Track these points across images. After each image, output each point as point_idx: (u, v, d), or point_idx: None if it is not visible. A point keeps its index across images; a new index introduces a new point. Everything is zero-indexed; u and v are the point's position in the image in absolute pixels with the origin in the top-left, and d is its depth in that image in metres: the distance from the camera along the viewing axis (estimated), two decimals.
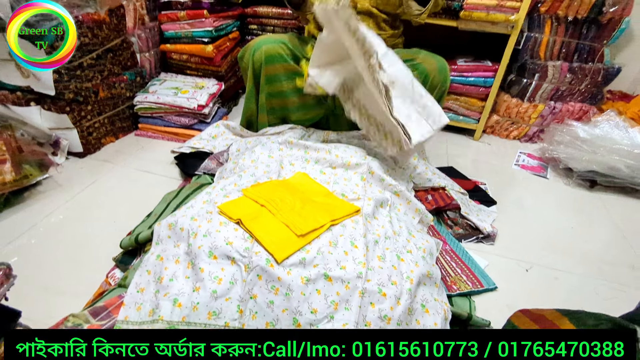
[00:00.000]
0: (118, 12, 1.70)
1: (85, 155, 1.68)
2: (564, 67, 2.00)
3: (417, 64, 1.46)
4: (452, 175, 1.75)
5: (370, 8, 1.48)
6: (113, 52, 1.71)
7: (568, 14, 1.91)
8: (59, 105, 1.55)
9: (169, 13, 1.89)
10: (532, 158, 2.01)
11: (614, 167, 1.74)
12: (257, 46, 1.47)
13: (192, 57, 1.98)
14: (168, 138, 1.85)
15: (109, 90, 1.72)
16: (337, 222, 1.07)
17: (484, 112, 2.07)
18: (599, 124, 1.93)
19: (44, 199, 1.42)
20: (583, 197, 1.75)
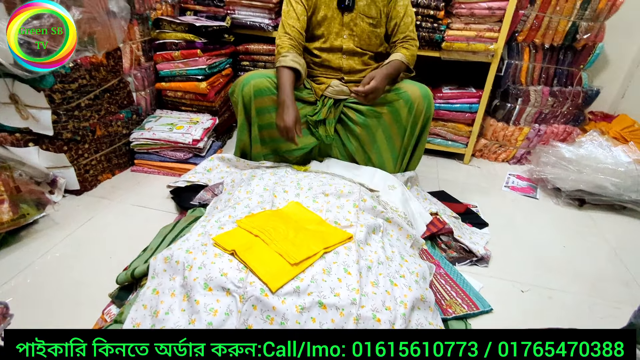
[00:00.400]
0: (115, 54, 1.78)
1: (82, 192, 1.71)
2: (545, 91, 2.08)
3: (402, 92, 1.53)
4: (444, 199, 1.78)
5: (355, 48, 1.58)
6: (110, 92, 1.77)
7: (544, 42, 2.01)
8: (57, 144, 1.59)
9: (163, 53, 1.97)
10: (521, 179, 2.06)
11: (601, 186, 1.78)
12: (246, 81, 1.53)
13: (186, 93, 2.05)
14: (164, 173, 1.89)
15: (105, 128, 1.77)
16: (330, 250, 1.09)
17: (471, 136, 2.14)
18: (583, 144, 1.99)
19: (40, 238, 1.43)
20: (573, 216, 1.78)
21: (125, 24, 1.76)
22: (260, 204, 1.33)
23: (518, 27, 1.99)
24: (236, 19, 2.14)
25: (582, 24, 1.94)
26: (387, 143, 1.60)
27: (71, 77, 1.55)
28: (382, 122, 1.56)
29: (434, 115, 2.09)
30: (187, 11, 2.20)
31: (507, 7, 1.85)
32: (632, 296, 1.32)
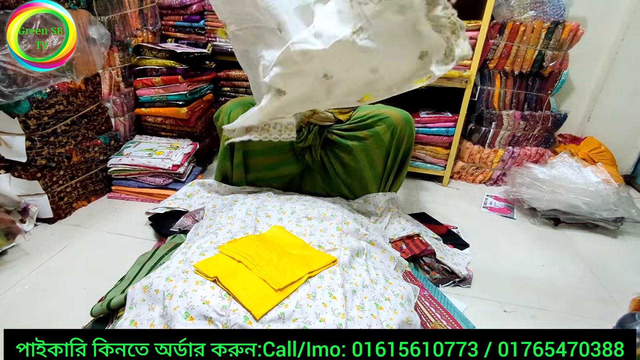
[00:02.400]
0: (94, 80, 1.76)
1: (56, 220, 1.65)
2: (516, 115, 2.17)
3: (384, 117, 1.56)
4: (425, 220, 1.80)
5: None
6: (88, 117, 1.75)
7: (514, 69, 2.11)
8: (30, 171, 1.54)
9: (144, 79, 1.96)
10: (499, 200, 2.11)
11: (574, 205, 1.85)
12: (233, 107, 1.55)
13: (167, 119, 2.04)
14: (142, 199, 1.85)
15: (82, 154, 1.73)
16: (314, 274, 1.08)
17: (449, 159, 2.19)
18: (555, 166, 2.07)
19: (9, 269, 1.36)
20: (549, 235, 1.83)
21: (105, 51, 1.76)
22: (242, 229, 1.31)
23: (489, 55, 2.09)
24: (217, 46, 2.17)
25: (547, 53, 2.05)
26: (369, 167, 1.62)
27: (47, 102, 1.52)
28: (365, 146, 1.58)
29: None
30: (168, 38, 2.21)
31: (478, 36, 1.95)
32: (610, 313, 1.34)
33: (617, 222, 1.84)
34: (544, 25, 2.00)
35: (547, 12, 2.01)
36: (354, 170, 1.63)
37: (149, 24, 2.07)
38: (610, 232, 1.86)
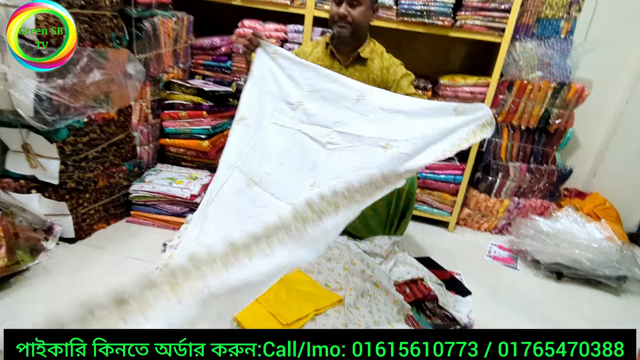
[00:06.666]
0: (126, 111, 1.90)
1: (76, 240, 1.73)
2: (522, 167, 2.24)
3: None
4: (429, 265, 1.85)
5: None
6: (117, 145, 1.87)
7: (521, 124, 2.21)
8: (59, 193, 1.64)
9: (171, 112, 2.10)
10: (503, 249, 2.15)
11: (576, 260, 1.88)
12: None
13: (188, 150, 2.16)
14: (158, 225, 1.93)
15: (108, 179, 1.84)
16: (320, 312, 1.13)
17: (455, 206, 2.25)
18: (559, 219, 2.11)
19: (29, 285, 1.43)
20: (552, 288, 1.85)
21: (139, 85, 1.90)
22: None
23: (497, 109, 2.20)
24: (241, 85, 2.32)
25: (553, 111, 2.15)
26: (373, 213, 1.68)
27: (84, 131, 1.65)
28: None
29: (421, 184, 2.22)
30: (197, 75, 2.37)
31: (487, 92, 2.06)
32: None
33: (620, 280, 1.86)
34: (550, 85, 2.11)
35: (553, 73, 2.12)
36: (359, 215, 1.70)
37: (180, 61, 2.24)
38: (613, 290, 1.87)
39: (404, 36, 2.08)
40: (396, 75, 1.61)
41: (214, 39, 2.27)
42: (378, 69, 1.63)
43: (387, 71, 1.62)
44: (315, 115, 1.29)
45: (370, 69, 1.63)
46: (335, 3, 1.55)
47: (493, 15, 1.94)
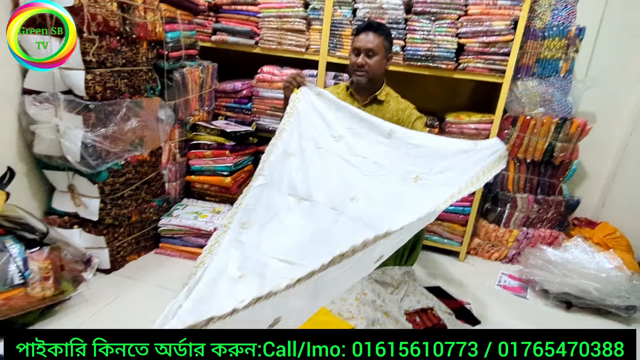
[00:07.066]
0: (157, 152, 2.09)
1: (111, 271, 1.89)
2: (530, 198, 2.32)
3: None
4: (439, 295, 1.92)
5: None
6: (148, 183, 2.06)
7: (526, 157, 2.31)
8: (98, 228, 1.82)
9: (197, 152, 2.29)
10: (513, 279, 2.21)
11: (585, 290, 1.93)
12: None
13: (212, 186, 2.33)
14: (184, 256, 2.08)
15: (140, 214, 2.02)
16: None
17: (465, 236, 2.34)
18: (568, 249, 2.17)
19: (72, 313, 1.59)
20: (561, 318, 1.90)
21: (169, 129, 2.11)
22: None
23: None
24: (260, 125, 2.51)
25: (557, 144, 2.25)
26: None
27: (121, 172, 1.84)
28: None
29: None
30: (220, 116, 2.58)
31: (491, 128, 2.18)
32: None
33: (630, 310, 1.89)
34: (552, 121, 2.21)
35: (555, 109, 2.24)
36: None
37: (205, 105, 2.45)
38: (624, 320, 1.90)
39: (413, 76, 2.24)
40: (411, 117, 1.81)
41: (235, 83, 2.48)
42: (394, 109, 1.82)
43: (403, 112, 1.82)
44: (355, 148, 1.47)
45: (387, 109, 1.82)
46: (354, 54, 1.76)
47: (493, 59, 2.09)
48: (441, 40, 2.09)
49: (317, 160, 1.47)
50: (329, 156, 1.47)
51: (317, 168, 1.45)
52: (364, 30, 1.73)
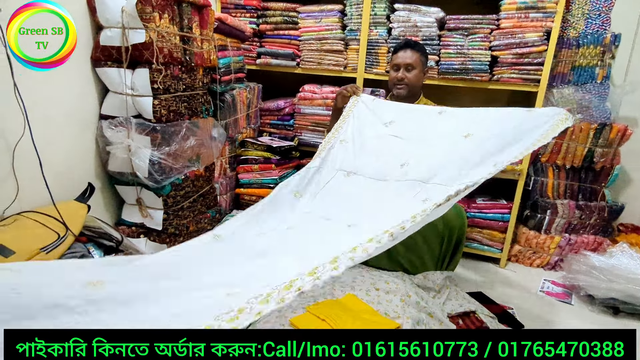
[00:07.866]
0: (210, 167, 2.29)
1: None
2: (571, 204, 2.33)
3: None
4: (481, 300, 1.97)
5: None
6: (203, 196, 2.25)
7: (565, 163, 2.32)
8: (161, 237, 2.02)
9: (245, 166, 2.48)
10: (557, 285, 2.21)
11: (633, 296, 1.91)
12: None
13: (259, 198, 2.50)
14: None
15: (196, 225, 2.21)
16: None
17: (505, 243, 2.36)
18: (613, 255, 2.15)
19: None
20: (608, 323, 1.89)
21: (221, 146, 2.30)
22: (322, 295, 1.62)
23: (540, 150, 2.34)
24: (302, 139, 2.67)
25: (597, 150, 2.25)
26: (426, 248, 1.88)
27: (181, 186, 2.04)
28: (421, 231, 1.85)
29: (470, 223, 2.37)
30: (264, 133, 2.77)
31: None
32: None
33: None
34: (591, 127, 2.23)
35: (593, 115, 2.25)
36: (413, 250, 1.89)
37: (252, 123, 2.64)
38: None
39: (448, 88, 2.33)
40: None
41: (278, 102, 2.67)
42: None
43: None
44: (405, 125, 1.69)
45: None
46: (393, 70, 1.93)
47: (527, 69, 2.15)
48: (474, 53, 2.18)
49: (369, 145, 1.68)
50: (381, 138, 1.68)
51: (370, 148, 1.67)
52: (402, 48, 1.87)
